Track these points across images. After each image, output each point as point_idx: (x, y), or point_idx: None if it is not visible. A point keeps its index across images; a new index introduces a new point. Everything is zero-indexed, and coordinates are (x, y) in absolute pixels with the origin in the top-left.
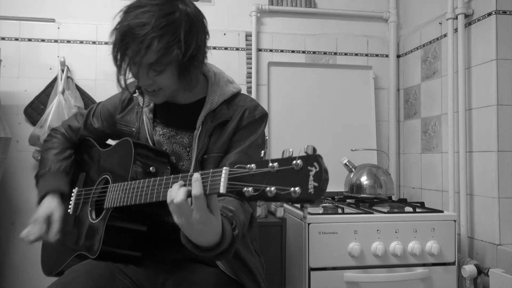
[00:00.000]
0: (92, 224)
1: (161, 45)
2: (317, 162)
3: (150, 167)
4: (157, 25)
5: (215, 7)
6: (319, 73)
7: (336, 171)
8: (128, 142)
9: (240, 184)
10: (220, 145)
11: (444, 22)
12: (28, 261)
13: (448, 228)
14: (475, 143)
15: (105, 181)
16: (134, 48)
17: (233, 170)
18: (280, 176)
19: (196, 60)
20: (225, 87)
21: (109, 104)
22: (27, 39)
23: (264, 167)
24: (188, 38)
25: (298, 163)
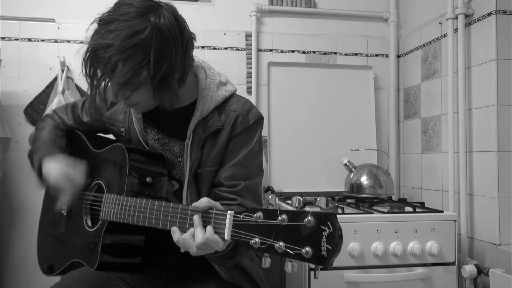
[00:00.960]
0: (88, 233)
1: (126, 68)
2: (330, 222)
3: (147, 177)
4: (122, 46)
5: (215, 7)
6: (319, 73)
7: (336, 171)
8: (121, 149)
9: (246, 234)
10: (214, 157)
11: (444, 22)
12: (28, 261)
13: (448, 228)
14: (475, 143)
15: (98, 186)
16: (101, 69)
17: (238, 217)
18: (289, 231)
19: (170, 80)
20: (216, 91)
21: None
22: (27, 39)
23: (273, 218)
24: (159, 58)
25: (310, 220)
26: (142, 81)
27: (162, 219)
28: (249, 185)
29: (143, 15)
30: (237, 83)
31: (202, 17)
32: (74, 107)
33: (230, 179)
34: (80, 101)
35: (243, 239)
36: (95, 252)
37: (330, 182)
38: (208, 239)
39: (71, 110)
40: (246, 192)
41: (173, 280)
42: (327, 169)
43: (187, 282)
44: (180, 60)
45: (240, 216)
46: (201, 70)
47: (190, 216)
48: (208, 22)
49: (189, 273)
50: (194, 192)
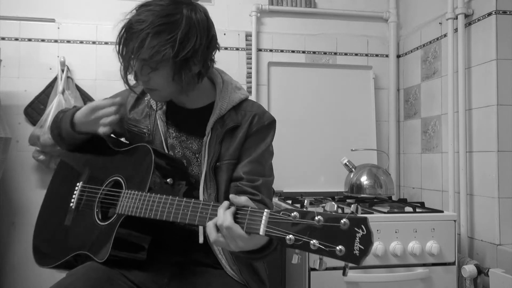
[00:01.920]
0: (100, 226)
1: (154, 42)
2: (365, 226)
3: (168, 178)
4: (154, 22)
5: (215, 7)
6: (319, 73)
7: (336, 171)
8: (147, 149)
9: (281, 231)
10: (232, 151)
11: (444, 22)
12: (28, 261)
13: (448, 228)
14: (475, 143)
15: (114, 182)
16: (131, 43)
17: (274, 214)
18: (324, 231)
19: (190, 63)
20: (233, 93)
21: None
22: (27, 39)
23: (309, 219)
24: (184, 40)
25: (346, 222)
26: (164, 59)
27: (191, 214)
28: (266, 181)
29: (177, 4)
30: (245, 90)
31: None
32: None
33: (250, 174)
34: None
35: (278, 235)
36: (106, 245)
37: (330, 182)
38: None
39: None
40: (264, 188)
41: (176, 277)
42: (327, 169)
43: (190, 279)
44: (202, 50)
45: (278, 214)
46: (218, 75)
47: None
48: None
49: (193, 271)
50: (213, 184)
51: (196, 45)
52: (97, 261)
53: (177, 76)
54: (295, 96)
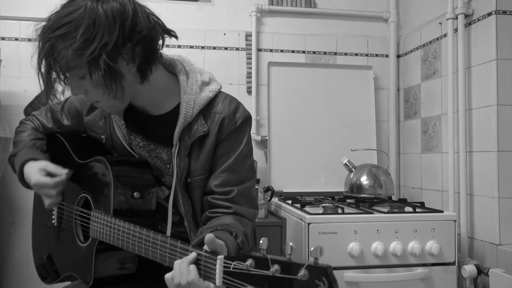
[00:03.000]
0: (81, 248)
1: (61, 46)
2: (325, 277)
3: (134, 193)
4: (56, 25)
5: (215, 7)
6: (319, 73)
7: (336, 171)
8: (104, 163)
9: (237, 282)
10: (202, 165)
11: (444, 22)
12: (28, 261)
13: (448, 228)
14: (475, 143)
15: (85, 200)
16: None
17: (228, 264)
18: (282, 284)
19: (111, 62)
20: (200, 93)
21: (77, 100)
22: (27, 39)
23: (264, 268)
24: (88, 36)
25: (305, 274)
26: (76, 65)
27: (152, 250)
28: (242, 189)
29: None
30: (237, 83)
31: (202, 17)
32: (52, 112)
33: (222, 186)
34: (55, 105)
35: (235, 287)
36: (89, 269)
37: (330, 182)
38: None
39: (50, 114)
40: (240, 198)
41: None
42: (327, 169)
43: None
44: (120, 44)
45: (231, 263)
46: (181, 69)
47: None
48: (208, 22)
49: None
50: (186, 202)
51: (104, 40)
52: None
53: (104, 81)
54: (295, 96)
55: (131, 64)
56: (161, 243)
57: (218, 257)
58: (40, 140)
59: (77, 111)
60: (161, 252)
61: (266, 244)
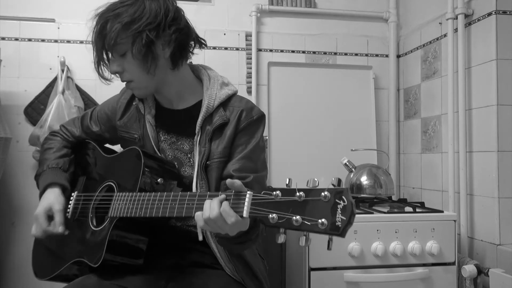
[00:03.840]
0: (94, 232)
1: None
2: (345, 196)
3: (158, 178)
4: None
5: (215, 7)
6: (319, 73)
7: (336, 171)
8: (137, 151)
9: (264, 210)
10: (222, 149)
11: (444, 22)
12: (28, 261)
13: (448, 228)
14: (475, 143)
15: (108, 188)
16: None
17: (257, 196)
18: (306, 206)
19: (151, 42)
20: (220, 90)
21: (107, 108)
22: (27, 39)
23: (290, 195)
24: (136, 15)
25: (327, 195)
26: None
27: (178, 207)
28: (257, 177)
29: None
30: (237, 83)
31: (202, 17)
32: (82, 118)
33: (240, 171)
34: (87, 112)
35: (262, 215)
36: (100, 248)
37: (330, 182)
38: (224, 210)
39: (79, 122)
40: (256, 184)
41: (174, 279)
42: (327, 169)
43: (188, 280)
44: (161, 28)
45: (259, 194)
46: (204, 73)
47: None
48: (208, 22)
49: (190, 271)
50: (204, 183)
51: (149, 20)
52: (91, 265)
53: (142, 54)
54: (295, 96)
55: (166, 49)
56: (189, 197)
57: (248, 191)
58: (64, 157)
59: (107, 117)
60: (188, 205)
61: (291, 181)
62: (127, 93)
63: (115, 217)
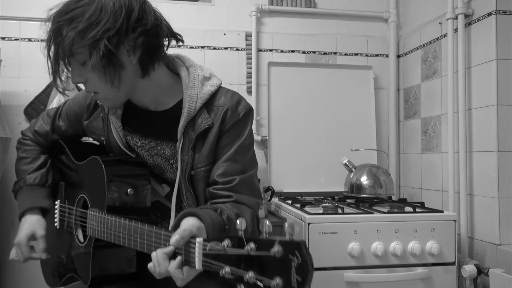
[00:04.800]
0: (79, 248)
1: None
2: (298, 251)
3: (128, 189)
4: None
5: (215, 7)
6: (319, 73)
7: (336, 171)
8: (98, 163)
9: (216, 264)
10: (205, 157)
11: (444, 22)
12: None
13: (448, 228)
14: (475, 143)
15: (84, 200)
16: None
17: (206, 245)
18: (259, 261)
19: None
20: (202, 88)
21: (75, 105)
22: (27, 39)
23: (240, 247)
24: (92, 21)
25: (278, 250)
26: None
27: (140, 241)
28: (245, 178)
29: None
30: (237, 83)
31: (202, 17)
32: (53, 117)
33: (224, 176)
34: (57, 110)
35: (214, 269)
36: (87, 268)
37: (330, 182)
38: (170, 272)
39: (50, 120)
40: (242, 187)
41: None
42: (327, 169)
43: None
44: (121, 32)
45: (207, 244)
46: (182, 68)
47: (163, 240)
48: (208, 22)
49: None
50: (190, 195)
51: (108, 25)
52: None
53: (102, 65)
54: (295, 96)
55: (132, 55)
56: (147, 232)
57: (197, 239)
58: (41, 168)
59: (76, 115)
60: (147, 242)
61: (244, 225)
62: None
63: (93, 237)
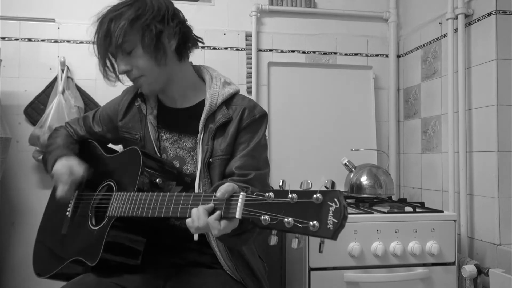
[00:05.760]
0: (92, 231)
1: (119, 23)
2: (337, 198)
3: (157, 178)
4: (115, 8)
5: (215, 7)
6: (319, 73)
7: (336, 171)
8: (136, 151)
9: (257, 212)
10: (224, 147)
11: (444, 22)
12: (28, 261)
13: (448, 228)
14: (475, 143)
15: (107, 187)
16: (101, 34)
17: (250, 197)
18: (298, 208)
19: (158, 33)
20: (223, 88)
21: (109, 109)
22: (27, 39)
23: (283, 197)
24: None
25: (319, 197)
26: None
27: (174, 207)
28: (259, 175)
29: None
30: (237, 83)
31: (202, 17)
32: (85, 119)
33: (242, 169)
34: (90, 113)
35: (254, 216)
36: (97, 248)
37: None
38: (209, 223)
39: (82, 122)
40: (257, 182)
41: (172, 279)
42: (327, 169)
43: (186, 280)
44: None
45: (252, 196)
46: (206, 72)
47: (202, 201)
48: (208, 22)
49: (188, 271)
50: (207, 181)
51: (154, 13)
52: (89, 264)
53: (152, 50)
54: (295, 96)
55: (172, 41)
56: (184, 197)
57: (241, 193)
58: (73, 144)
59: (109, 118)
60: (183, 206)
61: (284, 183)
62: (129, 95)
63: (113, 217)
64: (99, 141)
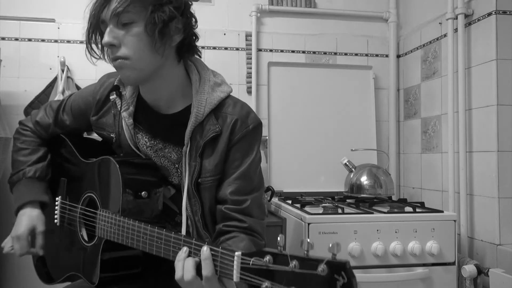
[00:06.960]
0: (86, 247)
1: None
2: (345, 272)
3: (142, 192)
4: None
5: (215, 7)
6: (319, 73)
7: (336, 171)
8: (112, 164)
9: (255, 278)
10: (214, 166)
11: (444, 22)
12: (28, 261)
13: (448, 228)
14: (475, 143)
15: (89, 199)
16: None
17: (246, 259)
18: (302, 278)
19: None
20: (211, 93)
21: (81, 100)
22: (27, 39)
23: (283, 264)
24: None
25: (324, 269)
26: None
27: (164, 247)
28: (255, 199)
29: None
30: (237, 83)
31: (202, 17)
32: (56, 110)
33: (236, 194)
34: (55, 102)
35: (253, 282)
36: (95, 268)
37: (330, 182)
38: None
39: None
40: (254, 207)
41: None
42: (327, 169)
43: None
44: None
45: (249, 259)
46: (194, 71)
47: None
48: (208, 22)
49: None
50: (197, 202)
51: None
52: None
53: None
54: (295, 96)
55: (177, 35)
56: (174, 240)
57: (236, 253)
58: (41, 161)
59: (82, 111)
60: (174, 249)
61: (283, 241)
62: (108, 86)
63: (103, 238)
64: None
